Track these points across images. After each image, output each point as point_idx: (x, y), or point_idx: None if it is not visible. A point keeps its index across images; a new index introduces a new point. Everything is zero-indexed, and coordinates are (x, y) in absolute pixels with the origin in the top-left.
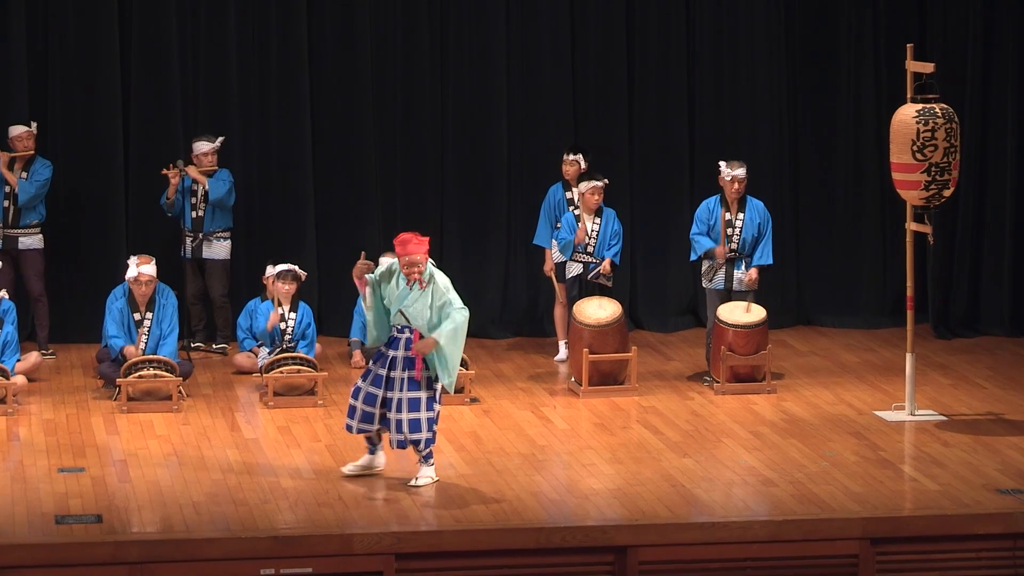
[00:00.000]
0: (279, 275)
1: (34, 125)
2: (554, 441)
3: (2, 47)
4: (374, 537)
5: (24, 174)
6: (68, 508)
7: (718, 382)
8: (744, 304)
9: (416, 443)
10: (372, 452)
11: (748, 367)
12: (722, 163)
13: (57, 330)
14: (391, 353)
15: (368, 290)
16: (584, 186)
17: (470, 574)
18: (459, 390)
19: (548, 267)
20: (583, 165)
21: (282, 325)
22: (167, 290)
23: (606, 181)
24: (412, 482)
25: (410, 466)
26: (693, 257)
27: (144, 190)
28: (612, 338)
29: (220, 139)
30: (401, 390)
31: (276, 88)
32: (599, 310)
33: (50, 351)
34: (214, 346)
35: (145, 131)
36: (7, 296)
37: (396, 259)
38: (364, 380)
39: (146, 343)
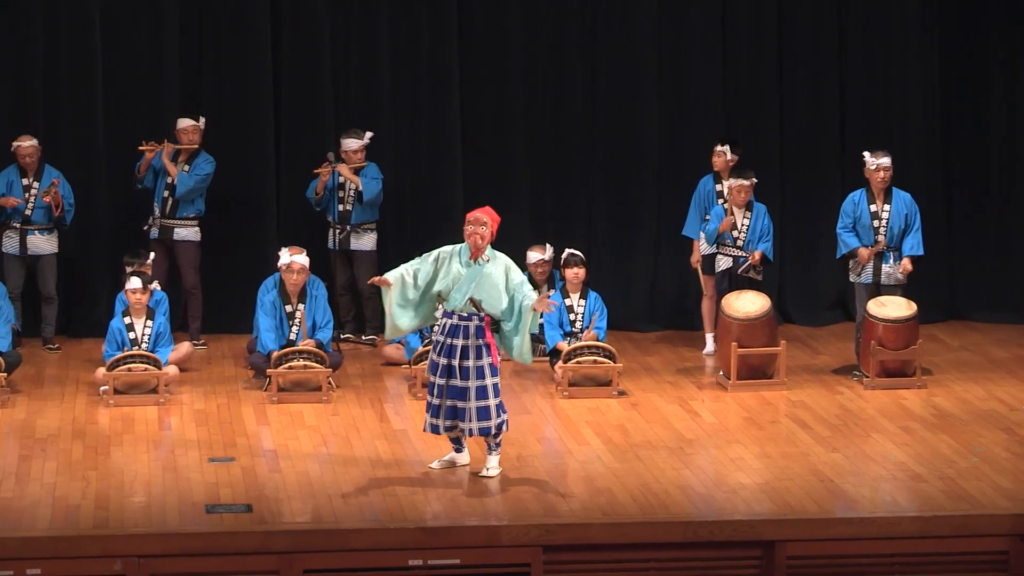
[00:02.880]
0: None
1: (202, 120)
2: (702, 435)
3: (156, 43)
4: (521, 529)
5: (186, 167)
6: (218, 497)
7: (867, 377)
8: (895, 298)
9: (487, 431)
10: (458, 450)
11: (898, 362)
12: (866, 153)
13: (208, 320)
14: (459, 342)
15: (394, 286)
16: (732, 182)
17: (617, 567)
18: (606, 383)
19: (695, 259)
20: (733, 157)
21: None
22: (318, 281)
23: (754, 180)
24: (483, 472)
25: (553, 455)
26: (839, 254)
27: (294, 184)
28: (761, 332)
29: (368, 135)
30: (477, 379)
31: (426, 81)
32: (748, 304)
33: (201, 341)
34: (363, 337)
35: (296, 125)
36: (160, 287)
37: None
38: (435, 374)
39: (297, 335)
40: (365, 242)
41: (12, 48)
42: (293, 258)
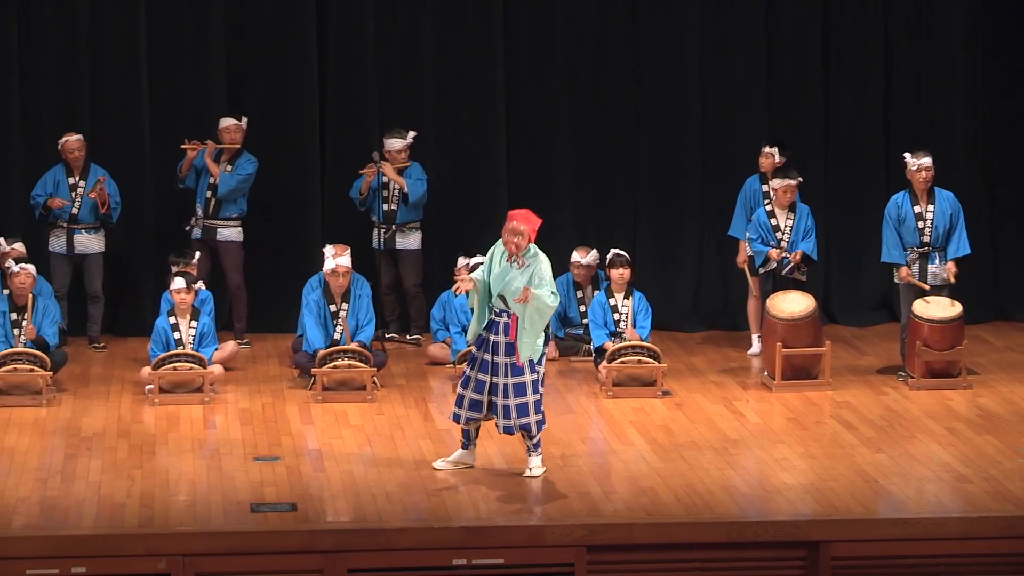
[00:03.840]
0: (472, 267)
1: (244, 120)
2: (746, 435)
3: (201, 42)
4: (565, 529)
5: (229, 167)
6: (263, 496)
7: (912, 377)
8: (940, 299)
9: (526, 428)
10: (466, 447)
11: (943, 362)
12: (907, 154)
13: (253, 320)
14: (492, 338)
15: (475, 293)
16: (777, 183)
17: (661, 567)
18: (651, 383)
19: (741, 259)
20: (781, 159)
21: None
22: (362, 280)
23: (800, 180)
24: (527, 472)
25: (598, 455)
26: (883, 259)
27: (338, 183)
28: (806, 332)
29: (412, 134)
30: (506, 375)
31: (470, 80)
32: (793, 304)
33: (246, 341)
34: (408, 337)
35: (340, 125)
36: (204, 287)
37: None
38: (471, 368)
39: (342, 335)
40: (410, 241)
41: (59, 49)
42: (338, 261)
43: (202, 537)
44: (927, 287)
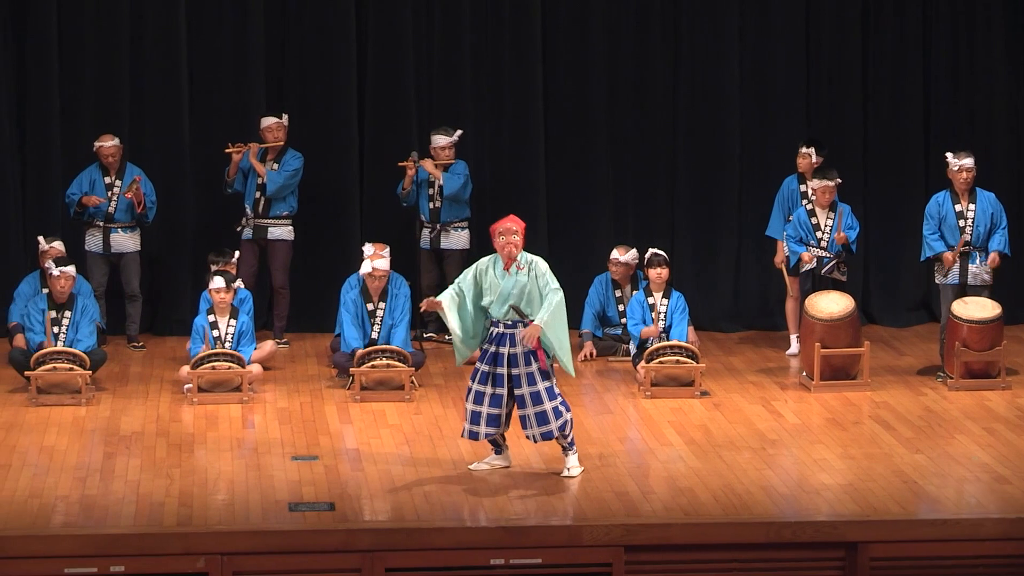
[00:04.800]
0: None
1: (285, 117)
2: (785, 436)
3: (241, 40)
4: (603, 529)
5: (275, 165)
6: (301, 496)
7: (951, 378)
8: (979, 299)
9: (548, 435)
10: (499, 452)
11: (982, 363)
12: (949, 154)
13: (292, 319)
14: (503, 351)
15: (449, 311)
16: (816, 183)
17: (699, 568)
18: (689, 383)
19: (779, 259)
20: (819, 159)
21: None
22: (400, 280)
23: (838, 181)
24: (564, 472)
25: (636, 455)
26: (923, 257)
27: (379, 181)
28: (844, 332)
29: (458, 132)
30: (528, 385)
31: (509, 81)
32: (832, 304)
33: (284, 340)
34: (447, 336)
35: (380, 123)
36: (244, 286)
37: (477, 264)
38: (483, 384)
39: (379, 334)
40: (456, 240)
41: (98, 49)
42: (375, 264)
43: (240, 536)
44: (970, 247)
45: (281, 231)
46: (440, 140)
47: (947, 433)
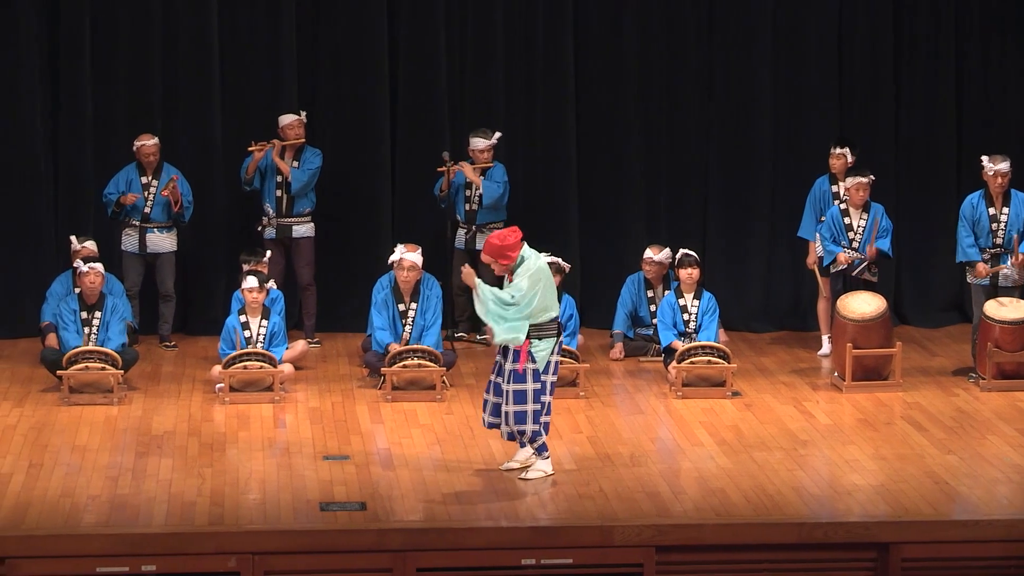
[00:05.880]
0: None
1: (303, 114)
2: (816, 436)
3: (272, 39)
4: (634, 529)
5: (296, 163)
6: (332, 495)
7: (984, 378)
8: (1012, 300)
9: (520, 435)
10: (523, 445)
11: (1015, 364)
12: (984, 158)
13: (323, 319)
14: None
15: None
16: (850, 182)
17: (730, 568)
18: (720, 383)
19: (811, 260)
20: (850, 159)
21: None
22: (432, 280)
23: (872, 178)
24: (523, 475)
25: (667, 455)
26: (959, 259)
27: (410, 181)
28: (876, 333)
29: (497, 135)
30: (509, 382)
31: (541, 81)
32: (864, 305)
33: (316, 340)
34: (477, 336)
35: (412, 123)
36: (275, 286)
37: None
38: (493, 373)
39: (410, 334)
40: None
41: (132, 49)
42: (404, 255)
43: (272, 535)
44: (1002, 250)
45: (304, 228)
46: (479, 143)
47: (979, 434)
